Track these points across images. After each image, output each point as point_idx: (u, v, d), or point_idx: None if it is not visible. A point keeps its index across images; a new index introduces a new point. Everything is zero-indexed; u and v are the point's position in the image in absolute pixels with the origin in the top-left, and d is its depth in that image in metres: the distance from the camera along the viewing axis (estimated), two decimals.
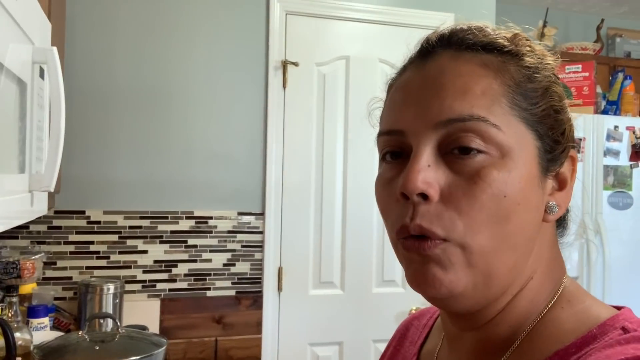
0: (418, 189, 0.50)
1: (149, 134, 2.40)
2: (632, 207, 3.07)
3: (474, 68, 0.53)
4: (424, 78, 0.54)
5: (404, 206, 0.52)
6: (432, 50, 0.56)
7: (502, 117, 0.51)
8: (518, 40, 0.56)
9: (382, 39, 2.67)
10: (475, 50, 0.54)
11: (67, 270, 2.30)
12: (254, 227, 2.51)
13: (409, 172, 0.51)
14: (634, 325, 0.51)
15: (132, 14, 2.39)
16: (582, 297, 0.56)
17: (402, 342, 0.76)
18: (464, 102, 0.51)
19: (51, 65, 1.20)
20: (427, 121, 0.52)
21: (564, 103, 0.57)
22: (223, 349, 2.44)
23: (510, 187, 0.51)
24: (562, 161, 0.56)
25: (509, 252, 0.52)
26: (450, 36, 0.56)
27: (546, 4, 3.73)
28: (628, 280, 3.04)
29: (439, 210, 0.51)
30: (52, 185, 1.20)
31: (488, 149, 0.51)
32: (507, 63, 0.54)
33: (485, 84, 0.52)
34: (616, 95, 3.32)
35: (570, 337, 0.52)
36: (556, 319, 0.54)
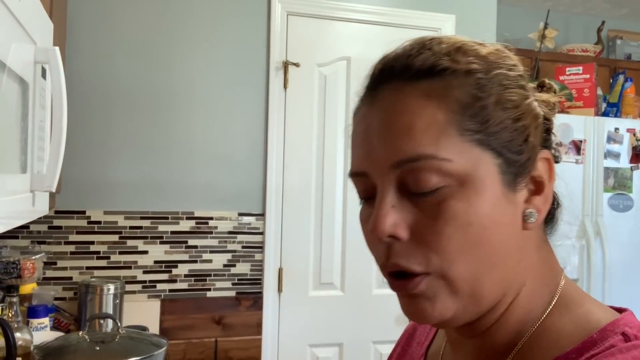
0: (386, 233, 0.51)
1: (150, 135, 2.40)
2: (632, 210, 3.07)
3: (416, 101, 0.52)
4: (373, 117, 0.54)
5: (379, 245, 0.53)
6: (378, 85, 0.55)
7: (452, 148, 0.50)
8: (460, 56, 0.54)
9: (384, 40, 2.67)
10: (417, 79, 0.53)
11: (68, 271, 2.29)
12: (255, 228, 2.51)
13: (375, 217, 0.51)
14: (634, 331, 0.51)
15: (134, 14, 2.39)
16: (580, 301, 0.56)
17: (409, 343, 0.77)
18: (410, 142, 0.51)
19: (53, 65, 1.20)
20: (383, 163, 0.52)
21: (523, 108, 0.54)
22: (223, 350, 2.44)
23: (473, 214, 0.50)
24: (529, 169, 0.54)
25: (491, 272, 0.52)
26: (392, 67, 0.55)
27: (547, 5, 3.73)
28: (628, 282, 3.04)
29: (411, 247, 0.52)
30: (53, 185, 1.20)
31: (445, 182, 0.50)
32: (451, 86, 0.52)
33: (430, 116, 0.51)
34: (617, 97, 3.32)
35: (569, 343, 0.52)
36: (555, 325, 0.54)
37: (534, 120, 0.55)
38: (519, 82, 0.55)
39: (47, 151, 1.34)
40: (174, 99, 2.43)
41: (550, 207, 0.58)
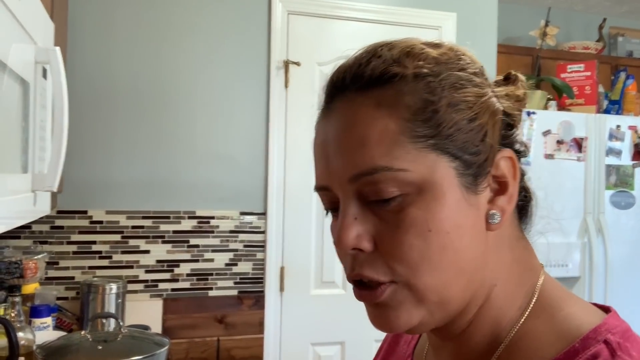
0: (349, 246, 0.51)
1: (151, 134, 2.40)
2: (634, 207, 3.07)
3: (367, 112, 0.51)
4: (328, 133, 0.54)
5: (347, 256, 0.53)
6: (332, 97, 0.55)
7: (406, 157, 0.50)
8: (408, 61, 0.53)
9: (383, 38, 2.66)
10: (368, 88, 0.52)
11: (70, 270, 2.30)
12: (256, 227, 2.52)
13: (339, 230, 0.52)
14: (617, 337, 0.50)
15: (134, 14, 2.39)
16: (560, 303, 0.55)
17: (397, 341, 0.76)
18: (364, 156, 0.51)
19: (54, 65, 1.21)
20: (341, 178, 0.52)
21: (480, 104, 0.53)
22: (225, 349, 2.45)
23: (433, 220, 0.50)
24: (489, 169, 0.53)
25: (456, 277, 0.52)
26: (343, 78, 0.54)
27: (548, 3, 3.73)
28: (630, 279, 3.04)
29: (375, 258, 0.52)
30: (55, 185, 1.20)
31: (403, 190, 0.50)
32: (401, 93, 0.51)
33: (382, 127, 0.51)
34: (618, 95, 3.32)
35: (551, 352, 0.51)
36: (535, 331, 0.53)
37: (492, 117, 0.54)
38: (473, 81, 0.54)
39: (48, 151, 1.34)
40: (175, 98, 2.43)
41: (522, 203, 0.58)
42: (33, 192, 1.20)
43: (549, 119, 2.93)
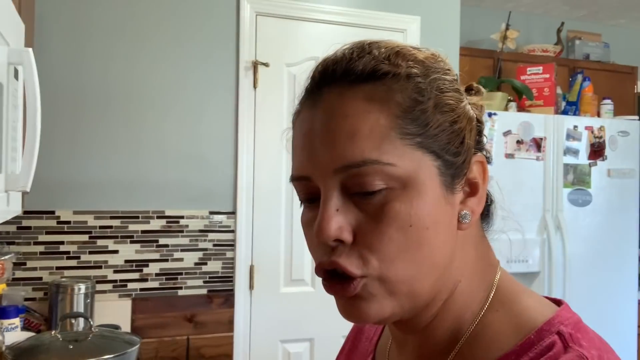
0: (331, 237, 0.52)
1: (120, 134, 2.40)
2: (591, 204, 3.18)
3: (359, 105, 0.53)
4: (315, 121, 0.55)
5: (323, 247, 0.54)
6: (319, 88, 0.56)
7: (394, 152, 0.52)
8: (399, 60, 0.55)
9: (351, 40, 2.71)
10: (359, 82, 0.54)
11: (37, 271, 2.28)
12: (226, 226, 2.54)
13: (320, 221, 0.52)
14: (569, 329, 0.53)
15: (103, 14, 2.38)
16: (516, 298, 0.57)
17: (359, 338, 0.78)
18: (354, 147, 0.51)
19: (27, 67, 1.22)
20: (326, 168, 0.53)
21: (459, 111, 0.56)
22: (195, 348, 2.46)
23: (414, 216, 0.52)
24: (465, 171, 0.56)
25: (428, 272, 0.54)
26: (333, 71, 0.55)
27: (509, 7, 3.84)
28: (587, 274, 3.15)
29: (352, 249, 0.53)
30: (28, 185, 1.22)
31: (388, 184, 0.52)
32: (392, 90, 0.53)
33: (373, 121, 0.52)
34: (575, 96, 3.42)
35: (508, 343, 0.53)
36: (493, 323, 0.56)
37: (469, 122, 0.57)
38: (454, 86, 0.57)
39: (19, 151, 1.35)
40: (144, 98, 2.43)
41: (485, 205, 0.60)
42: (6, 192, 1.21)
43: (510, 120, 3.02)
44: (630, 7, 3.92)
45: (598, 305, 3.16)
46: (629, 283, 3.27)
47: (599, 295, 3.17)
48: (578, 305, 3.19)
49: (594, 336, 0.54)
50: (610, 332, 3.16)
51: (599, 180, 3.20)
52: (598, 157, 3.20)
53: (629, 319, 3.26)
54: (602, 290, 3.18)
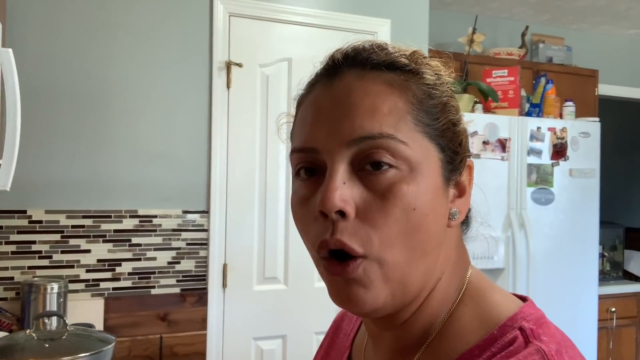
0: (336, 207, 0.52)
1: (92, 133, 2.40)
2: (553, 203, 3.27)
3: (380, 87, 0.56)
4: (333, 97, 0.57)
5: (323, 223, 0.54)
6: (339, 69, 0.58)
7: (408, 134, 0.55)
8: (416, 58, 0.60)
9: (323, 42, 2.77)
10: (379, 69, 0.57)
11: (9, 271, 2.26)
12: (199, 225, 2.55)
13: (326, 191, 0.53)
14: (531, 324, 0.55)
15: (74, 13, 2.38)
16: (484, 294, 0.60)
17: (337, 333, 0.80)
18: (373, 121, 0.54)
19: (7, 67, 1.23)
20: (340, 139, 0.54)
21: (460, 115, 0.61)
22: (168, 346, 2.47)
23: (419, 200, 0.54)
24: (461, 170, 0.60)
25: (420, 260, 0.56)
26: (355, 55, 0.58)
27: (475, 11, 3.94)
28: (550, 270, 3.24)
29: (355, 226, 0.54)
30: (8, 184, 1.23)
31: (398, 164, 0.54)
32: (409, 81, 0.57)
33: (391, 102, 0.55)
34: (539, 99, 3.51)
35: (474, 338, 0.56)
36: (461, 318, 0.59)
37: (465, 128, 0.62)
38: (455, 93, 0.63)
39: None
40: (117, 97, 2.44)
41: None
42: None
43: (476, 121, 3.10)
44: (592, 12, 4.05)
45: (560, 300, 3.27)
46: (590, 279, 3.38)
47: (561, 290, 3.27)
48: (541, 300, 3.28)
49: (556, 331, 0.56)
50: (572, 326, 3.28)
51: (561, 180, 3.30)
52: (560, 158, 3.30)
53: (590, 314, 3.38)
54: (564, 286, 3.28)
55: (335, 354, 0.77)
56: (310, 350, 2.69)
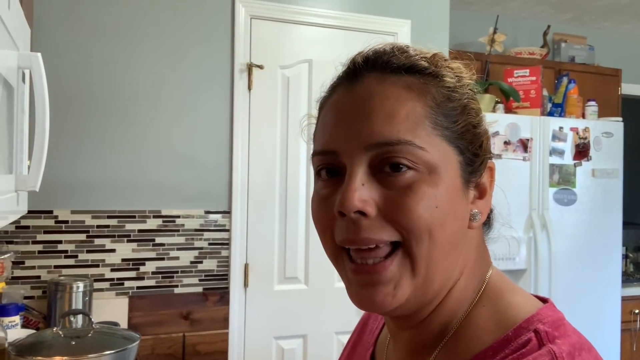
0: (355, 208, 0.54)
1: (117, 135, 2.44)
2: (575, 203, 3.24)
3: (399, 91, 0.57)
4: (353, 100, 0.58)
5: (342, 223, 0.56)
6: (360, 73, 0.60)
7: (426, 138, 0.56)
8: (437, 60, 0.61)
9: (343, 43, 2.78)
10: (399, 73, 0.58)
11: (36, 270, 2.31)
12: (221, 225, 2.58)
13: (345, 192, 0.54)
14: (546, 327, 0.55)
15: (100, 18, 2.42)
16: (503, 295, 0.61)
17: (364, 330, 0.81)
18: (391, 127, 0.55)
19: (36, 71, 1.26)
20: (359, 143, 0.56)
21: (481, 117, 0.62)
22: (191, 344, 2.50)
23: (440, 199, 0.55)
24: (481, 172, 0.61)
25: (443, 258, 0.57)
26: (376, 59, 0.60)
27: (496, 10, 3.91)
28: (573, 272, 3.21)
29: (379, 222, 0.55)
30: (37, 185, 1.26)
31: (416, 167, 0.55)
32: (429, 84, 0.58)
33: (410, 107, 0.56)
34: (561, 98, 3.48)
35: (489, 339, 0.56)
36: (478, 318, 0.59)
37: (486, 130, 0.63)
38: (476, 95, 0.63)
39: (25, 152, 1.39)
40: (141, 100, 2.47)
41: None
42: (16, 192, 1.25)
43: (497, 121, 3.08)
44: (615, 10, 4.01)
45: (583, 301, 3.24)
46: (613, 280, 3.34)
47: (583, 292, 3.24)
48: (563, 302, 3.26)
49: (573, 334, 0.56)
50: (595, 329, 3.25)
51: (584, 180, 3.27)
52: (583, 158, 3.27)
53: (613, 316, 3.34)
54: (587, 287, 3.25)
55: (360, 350, 0.78)
56: (331, 350, 2.70)
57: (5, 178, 1.11)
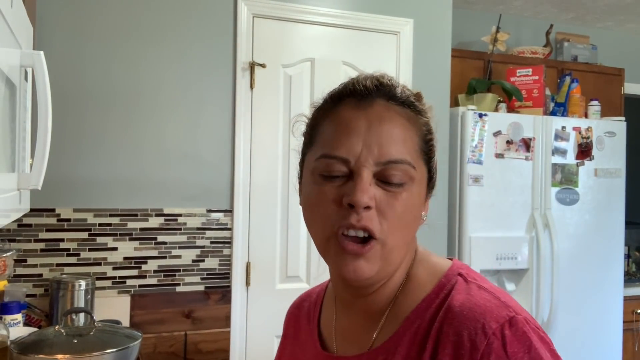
0: (365, 204, 0.71)
1: (119, 133, 2.44)
2: (578, 203, 3.24)
3: (402, 121, 0.75)
4: (367, 121, 0.74)
5: (344, 211, 0.72)
6: (369, 96, 0.76)
7: (416, 160, 0.75)
8: (421, 99, 0.79)
9: (345, 42, 2.78)
10: (400, 104, 0.76)
11: (38, 268, 2.32)
12: (223, 223, 2.58)
13: (358, 191, 0.70)
14: (465, 271, 0.78)
15: (102, 16, 2.42)
16: (428, 257, 0.82)
17: (298, 323, 0.95)
18: (397, 149, 0.73)
19: (38, 69, 1.26)
20: (371, 157, 0.72)
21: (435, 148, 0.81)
22: (192, 343, 2.50)
23: (414, 204, 0.75)
24: (431, 192, 0.81)
25: (404, 247, 0.77)
26: (383, 87, 0.76)
27: (499, 10, 3.91)
28: (575, 271, 3.21)
29: (373, 216, 0.72)
30: (39, 183, 1.26)
31: (407, 180, 0.73)
32: (418, 117, 0.77)
33: (409, 135, 0.75)
34: (564, 98, 3.48)
35: (429, 286, 0.77)
36: (417, 275, 0.80)
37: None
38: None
39: (27, 151, 1.39)
40: (143, 98, 2.47)
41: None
42: (18, 190, 1.25)
43: (499, 121, 3.08)
44: (618, 10, 4.00)
45: (585, 301, 3.23)
46: (615, 280, 3.34)
47: (585, 291, 3.24)
48: (565, 301, 3.25)
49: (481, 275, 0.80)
50: (596, 328, 3.25)
51: (586, 180, 3.27)
52: (585, 157, 3.27)
53: (615, 315, 3.33)
54: (589, 287, 3.25)
55: (304, 337, 0.92)
56: None
57: (7, 176, 1.11)
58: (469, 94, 3.25)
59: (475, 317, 0.69)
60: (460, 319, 0.70)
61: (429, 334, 0.72)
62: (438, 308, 0.73)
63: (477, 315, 0.69)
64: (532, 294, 3.10)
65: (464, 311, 0.70)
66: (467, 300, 0.72)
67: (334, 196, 0.73)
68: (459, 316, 0.70)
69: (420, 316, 0.74)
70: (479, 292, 0.73)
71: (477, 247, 2.97)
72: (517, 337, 0.67)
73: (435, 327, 0.72)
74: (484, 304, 0.71)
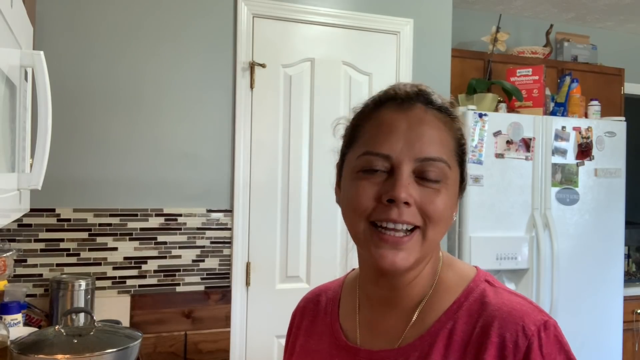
0: (404, 199, 0.75)
1: (119, 133, 2.44)
2: (578, 203, 3.24)
3: (439, 124, 0.80)
4: (408, 122, 0.79)
5: (386, 206, 0.76)
6: (409, 100, 0.81)
7: (451, 160, 0.80)
8: (455, 106, 0.84)
9: (346, 42, 2.78)
10: (437, 109, 0.81)
11: (38, 268, 2.32)
12: (223, 223, 2.58)
13: (398, 187, 0.75)
14: (490, 278, 0.84)
15: (101, 17, 2.42)
16: (454, 262, 0.88)
17: (314, 315, 0.96)
18: (435, 148, 0.78)
19: (38, 69, 1.26)
20: (411, 155, 0.77)
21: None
22: (192, 343, 2.51)
23: (449, 202, 0.79)
24: (462, 193, 0.85)
25: (437, 243, 0.82)
26: (422, 93, 0.82)
27: (499, 10, 3.91)
28: (575, 271, 3.21)
29: (414, 211, 0.77)
30: (40, 183, 1.26)
31: (443, 179, 0.78)
32: (452, 122, 0.82)
33: (445, 137, 0.80)
34: (564, 98, 3.48)
35: (458, 290, 0.82)
36: (446, 279, 0.84)
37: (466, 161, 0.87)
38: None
39: (27, 151, 1.39)
40: (143, 98, 2.47)
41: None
42: (18, 190, 1.25)
43: (499, 121, 3.08)
44: (618, 10, 4.00)
45: (585, 301, 3.23)
46: (615, 280, 3.34)
47: (585, 291, 3.24)
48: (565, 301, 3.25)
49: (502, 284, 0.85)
50: (596, 328, 3.24)
51: (586, 180, 3.27)
52: (585, 157, 3.27)
53: (615, 315, 3.33)
54: (589, 287, 3.25)
55: (321, 328, 0.93)
56: None
57: (7, 176, 1.11)
58: (469, 94, 3.26)
59: (514, 319, 0.75)
60: (501, 322, 0.75)
61: (470, 338, 0.77)
62: (469, 311, 0.79)
63: (517, 318, 0.75)
64: (532, 294, 3.10)
65: (503, 314, 0.76)
66: (504, 305, 0.77)
67: (374, 193, 0.77)
68: (499, 319, 0.76)
69: (451, 317, 0.79)
70: (511, 296, 0.79)
71: (477, 247, 2.97)
72: (551, 340, 0.74)
73: (477, 332, 0.77)
74: (520, 307, 0.76)
